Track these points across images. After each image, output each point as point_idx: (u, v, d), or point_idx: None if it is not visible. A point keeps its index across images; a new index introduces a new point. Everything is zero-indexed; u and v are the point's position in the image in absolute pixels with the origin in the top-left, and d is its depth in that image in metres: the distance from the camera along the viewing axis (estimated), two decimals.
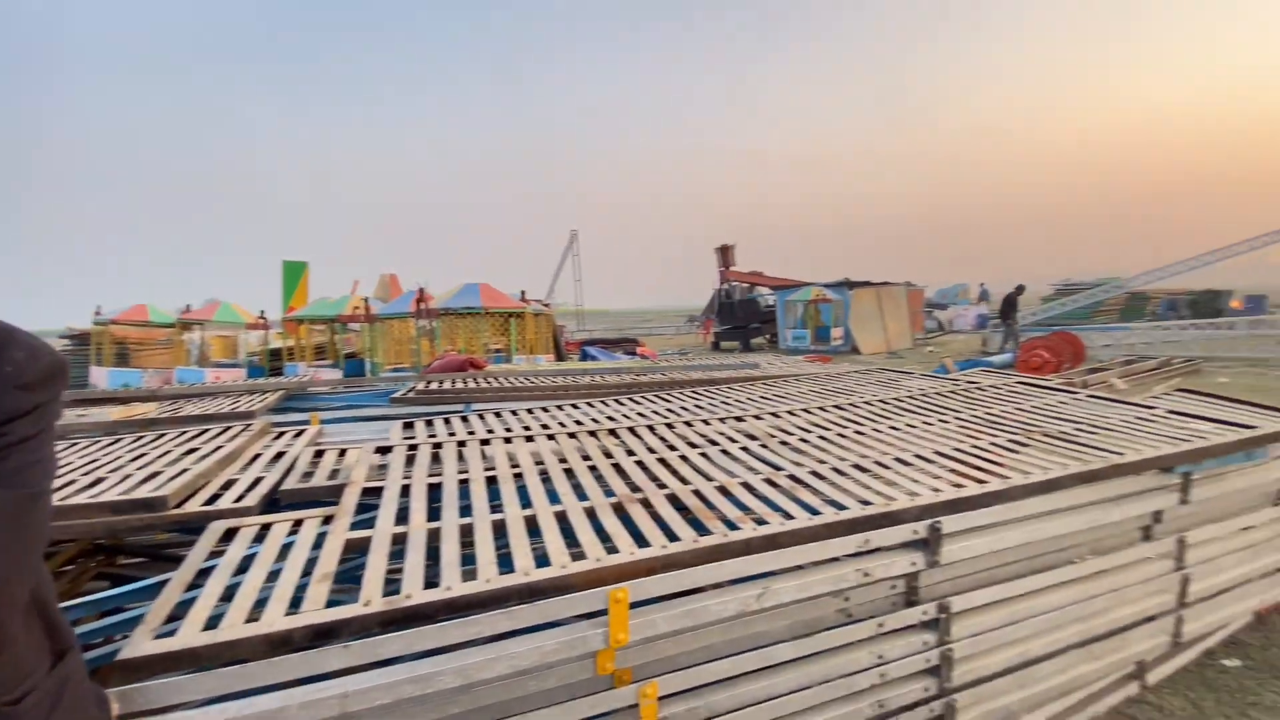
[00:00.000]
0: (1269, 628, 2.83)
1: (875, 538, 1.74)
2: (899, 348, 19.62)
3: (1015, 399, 3.13)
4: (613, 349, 14.89)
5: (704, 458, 2.36)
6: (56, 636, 0.85)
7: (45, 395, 0.81)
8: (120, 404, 4.30)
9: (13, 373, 0.77)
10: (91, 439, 2.88)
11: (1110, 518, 2.11)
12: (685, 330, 39.23)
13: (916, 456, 2.30)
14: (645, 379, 5.14)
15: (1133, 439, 2.38)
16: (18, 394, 0.77)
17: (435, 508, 1.96)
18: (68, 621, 0.91)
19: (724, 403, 3.55)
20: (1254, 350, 12.92)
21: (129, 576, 2.55)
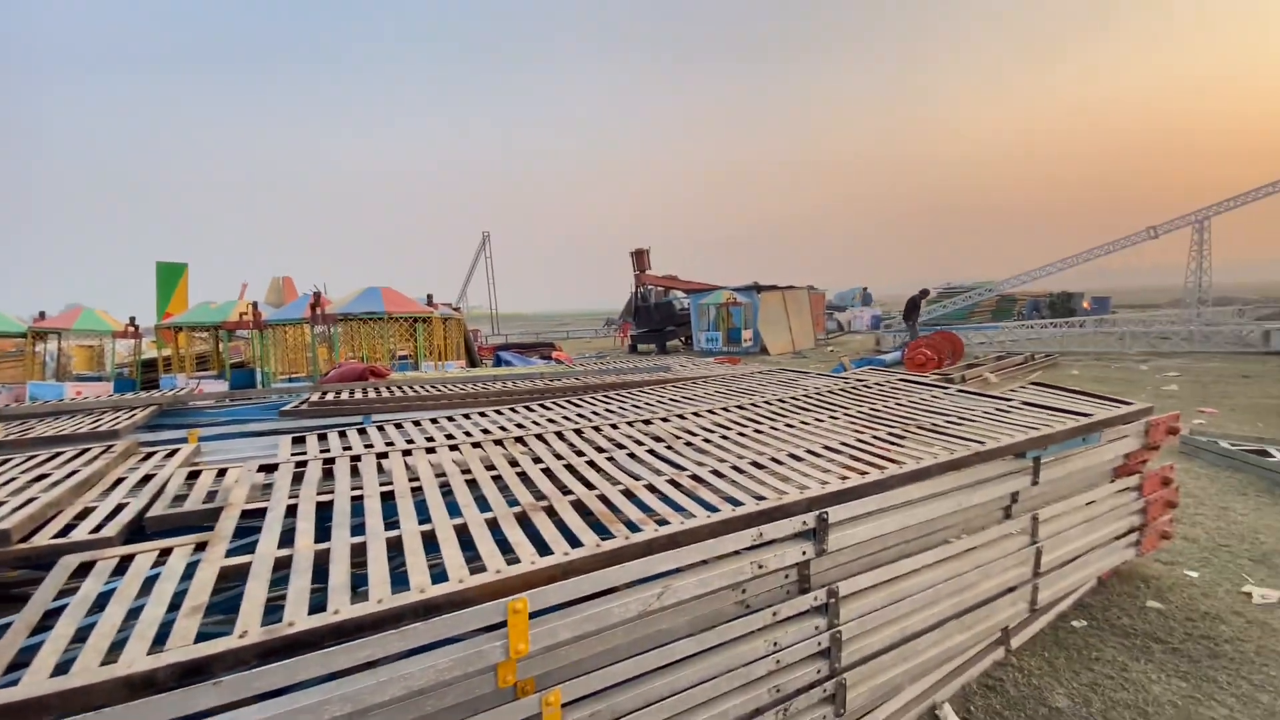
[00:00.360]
0: (1109, 590, 3.24)
1: (768, 530, 1.84)
2: (803, 348, 20.66)
3: (896, 395, 3.40)
4: (528, 354, 14.67)
5: (611, 462, 2.39)
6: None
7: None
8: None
9: None
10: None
11: (974, 500, 2.34)
12: (603, 333, 39.34)
13: (808, 452, 2.44)
14: (558, 384, 5.11)
15: (993, 429, 2.65)
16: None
17: (325, 528, 1.86)
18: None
19: (634, 406, 3.61)
20: (1099, 345, 14.72)
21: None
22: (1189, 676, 2.54)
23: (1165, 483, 3.24)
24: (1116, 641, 2.81)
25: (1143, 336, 14.53)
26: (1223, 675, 2.53)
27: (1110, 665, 2.63)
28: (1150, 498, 3.18)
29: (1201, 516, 4.19)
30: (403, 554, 1.67)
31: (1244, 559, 3.55)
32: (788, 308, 21.53)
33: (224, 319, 10.72)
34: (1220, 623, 2.90)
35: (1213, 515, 4.21)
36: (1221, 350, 13.42)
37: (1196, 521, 4.10)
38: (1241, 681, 2.49)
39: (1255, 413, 7.38)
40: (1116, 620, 2.97)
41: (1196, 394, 8.82)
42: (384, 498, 2.08)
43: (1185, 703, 2.39)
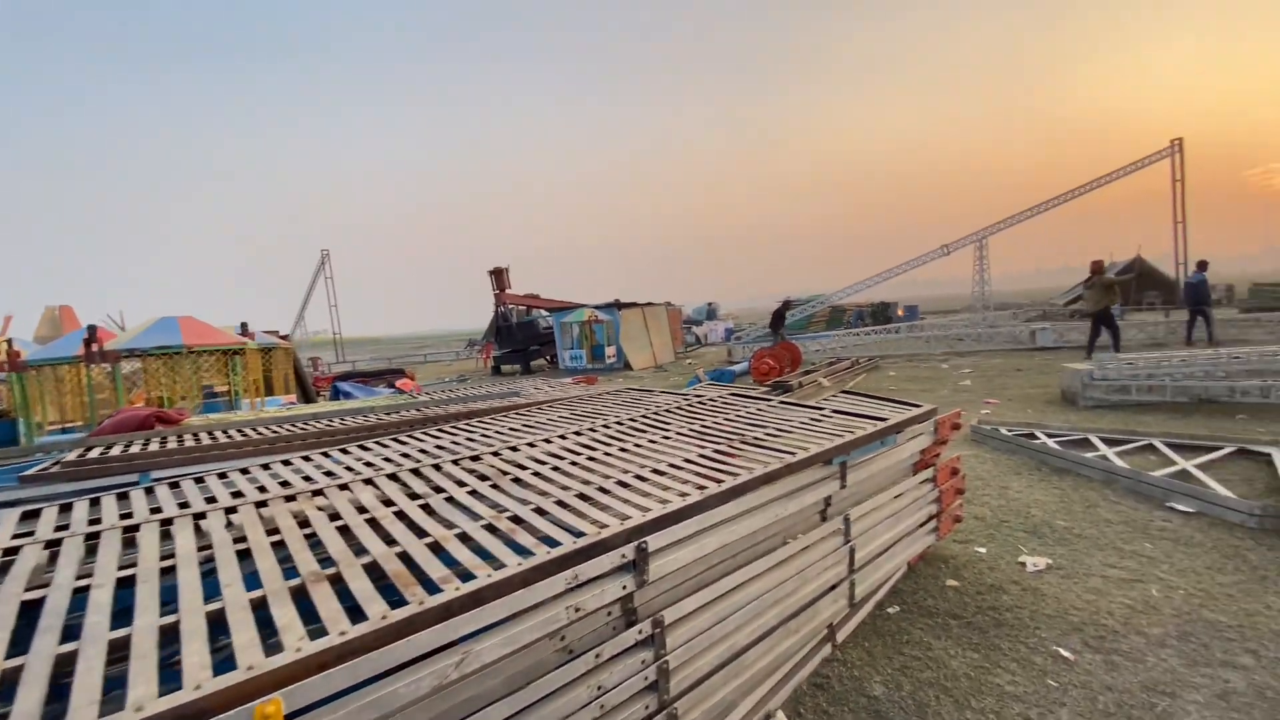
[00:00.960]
0: (917, 574, 3.58)
1: (585, 570, 1.75)
2: (664, 362, 21.33)
3: (726, 410, 3.53)
4: (374, 383, 13.56)
5: (425, 510, 2.18)
6: None
7: None
8: None
9: None
10: None
11: (790, 509, 2.46)
12: (466, 355, 37.76)
13: (636, 477, 2.41)
14: (392, 419, 4.71)
15: (807, 438, 2.82)
16: None
17: (29, 635, 1.46)
18: None
19: (469, 440, 3.38)
20: (911, 348, 16.83)
21: None
22: (979, 647, 2.85)
23: (954, 472, 3.67)
24: (923, 622, 3.09)
25: (943, 339, 16.85)
26: (1005, 642, 2.87)
27: (918, 646, 2.89)
28: (943, 487, 3.58)
29: (987, 496, 4.84)
30: (128, 658, 1.35)
31: (1020, 532, 4.12)
32: (648, 324, 22.15)
33: None
34: (1002, 593, 3.32)
35: (996, 494, 4.87)
36: (1002, 348, 15.94)
37: (984, 501, 4.72)
38: (1020, 646, 2.84)
39: (1026, 401, 8.77)
40: (923, 602, 3.28)
41: (984, 387, 10.32)
42: (121, 584, 1.70)
43: (977, 673, 2.67)
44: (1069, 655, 2.72)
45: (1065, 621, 2.99)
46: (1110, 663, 2.66)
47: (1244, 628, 2.84)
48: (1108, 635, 2.86)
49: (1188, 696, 2.41)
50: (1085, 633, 2.89)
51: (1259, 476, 4.73)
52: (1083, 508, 4.44)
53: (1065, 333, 15.92)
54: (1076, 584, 3.35)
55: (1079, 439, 6.00)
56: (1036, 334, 15.69)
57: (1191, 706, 2.35)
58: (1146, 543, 3.79)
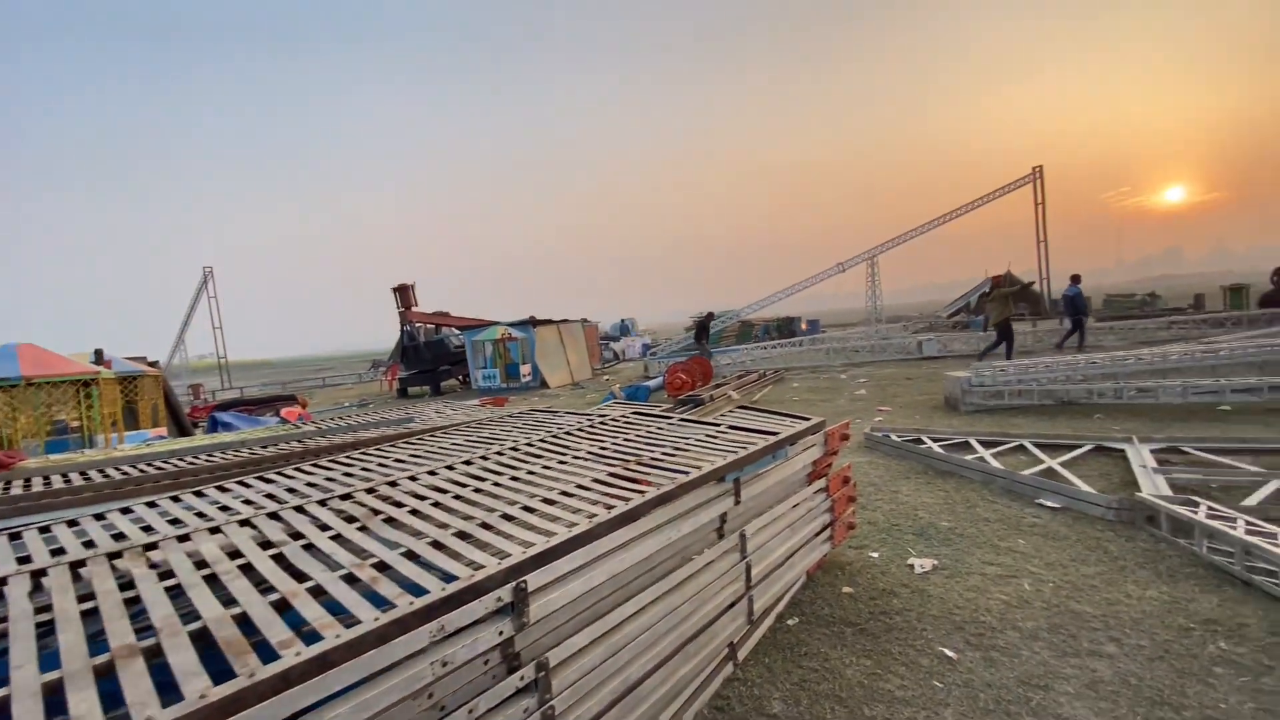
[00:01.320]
0: (815, 583, 3.66)
1: (454, 618, 1.61)
2: (581, 379, 21.16)
3: (627, 430, 3.48)
4: (260, 411, 12.51)
5: (276, 560, 1.95)
6: None
7: None
8: None
9: None
10: None
11: (684, 530, 2.42)
12: (370, 378, 35.81)
13: (524, 509, 2.29)
14: (266, 454, 4.30)
15: (702, 456, 2.81)
16: None
17: None
18: None
19: (346, 475, 3.12)
20: (813, 360, 17.68)
21: None
22: (872, 653, 2.93)
23: (845, 481, 3.81)
24: (820, 632, 3.14)
25: (841, 351, 17.82)
26: (895, 646, 2.97)
27: (815, 658, 2.92)
28: (836, 496, 3.69)
29: (880, 501, 5.07)
30: None
31: (909, 534, 4.33)
32: (564, 341, 21.93)
33: None
34: (893, 596, 3.45)
35: (888, 499, 5.11)
36: (893, 358, 17.04)
37: (877, 506, 4.94)
38: (909, 649, 2.94)
39: (915, 407, 9.37)
40: (820, 611, 3.34)
41: (877, 395, 10.95)
42: None
43: (870, 680, 2.73)
44: (952, 655, 2.85)
45: (949, 621, 3.14)
46: (989, 659, 2.80)
47: (1107, 617, 3.08)
48: (987, 632, 3.02)
49: (1060, 688, 2.56)
50: (967, 631, 3.04)
51: (1115, 471, 5.25)
52: (964, 508, 4.74)
53: (949, 343, 17.27)
54: (959, 583, 3.54)
55: (960, 442, 6.45)
56: (923, 344, 16.91)
57: (1063, 698, 2.50)
58: (1020, 539, 4.08)
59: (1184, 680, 2.54)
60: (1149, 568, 3.52)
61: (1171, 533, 3.83)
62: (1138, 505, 4.11)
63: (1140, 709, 2.39)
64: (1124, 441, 5.79)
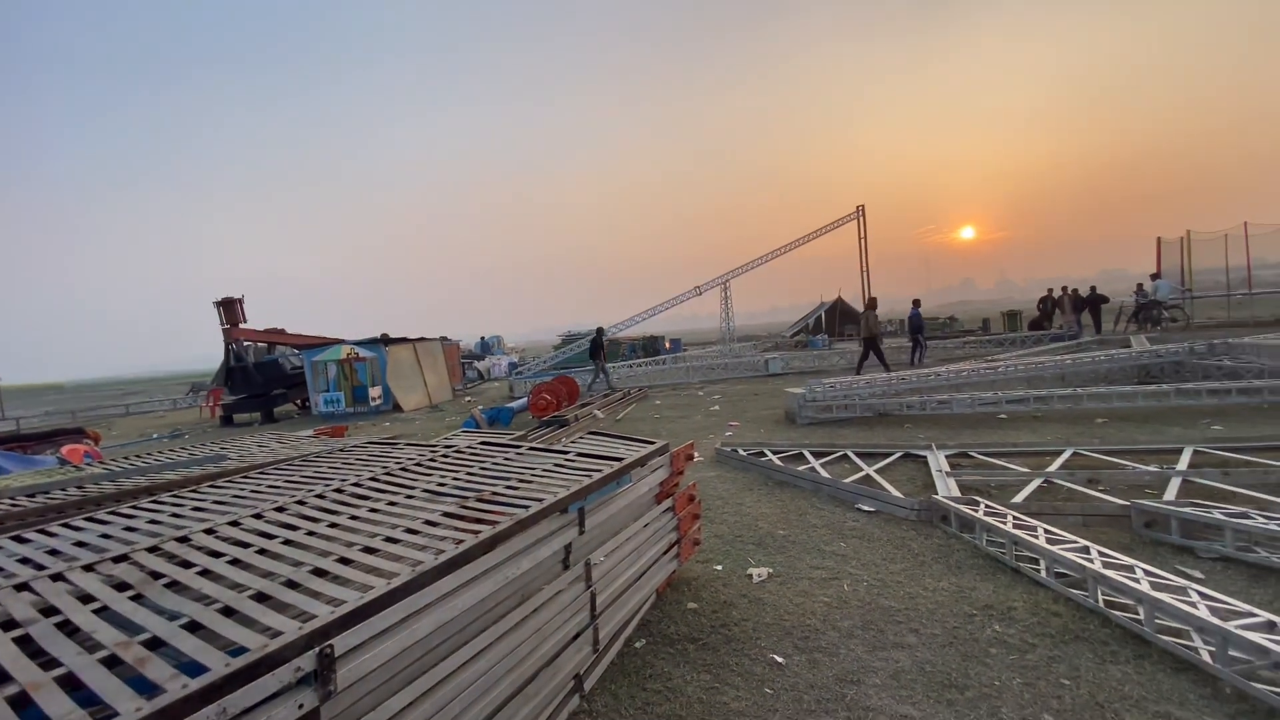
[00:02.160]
0: (664, 602, 3.75)
1: (238, 699, 1.42)
2: (440, 400, 20.12)
3: (471, 462, 3.36)
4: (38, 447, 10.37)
5: (20, 645, 1.61)
6: None
7: None
8: None
9: None
10: None
11: (522, 568, 2.36)
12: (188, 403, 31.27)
13: (340, 560, 2.10)
14: (28, 506, 3.57)
15: (546, 487, 2.78)
16: None
17: None
18: None
19: (127, 529, 2.67)
20: (675, 378, 18.41)
21: None
22: (711, 667, 3.05)
23: (691, 499, 3.97)
24: (665, 651, 3.22)
25: (700, 369, 18.77)
26: (733, 658, 3.12)
27: (659, 679, 2.98)
28: (682, 514, 3.83)
29: (726, 514, 5.35)
30: None
31: (750, 544, 4.61)
32: (420, 361, 20.72)
33: None
34: (732, 608, 3.63)
35: (733, 511, 5.42)
36: (744, 375, 18.26)
37: (723, 519, 5.21)
38: (744, 659, 3.10)
39: (760, 422, 10.08)
40: (666, 630, 3.43)
41: (730, 410, 11.64)
42: None
43: (708, 695, 2.84)
44: (781, 660, 3.06)
45: (780, 627, 3.37)
46: (813, 661, 3.04)
47: (909, 610, 3.48)
48: (811, 634, 3.28)
49: (869, 681, 2.84)
50: (794, 635, 3.28)
51: (919, 475, 6.00)
52: (797, 516, 5.16)
53: (791, 360, 18.85)
54: (790, 588, 3.82)
55: (796, 454, 7.03)
56: (769, 362, 18.31)
57: (872, 690, 2.77)
58: (841, 542, 4.51)
59: (967, 663, 2.93)
60: (942, 561, 4.06)
61: (959, 529, 4.45)
62: (933, 506, 4.73)
63: (933, 693, 2.72)
64: (925, 449, 6.66)
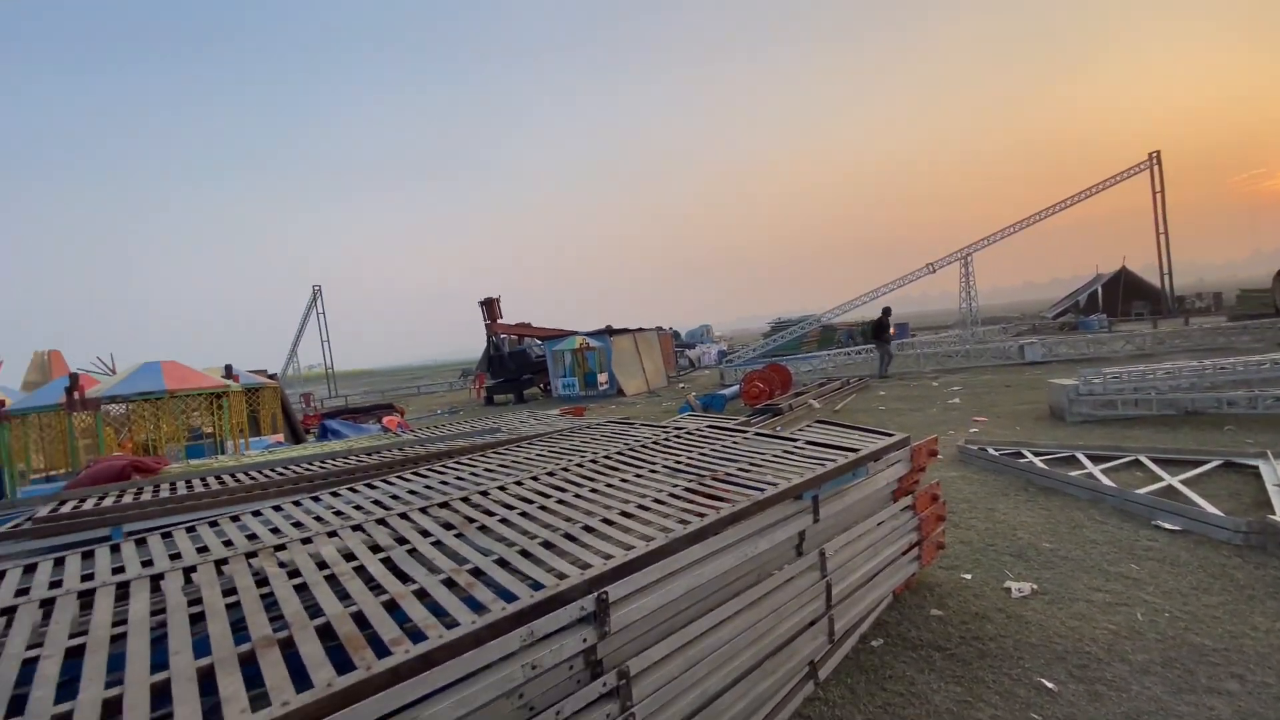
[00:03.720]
0: (902, 604, 3.54)
1: (541, 625, 1.72)
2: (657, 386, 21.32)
3: (702, 444, 3.53)
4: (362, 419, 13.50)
5: (385, 564, 2.15)
6: None
7: None
8: None
9: None
10: None
11: (761, 548, 2.43)
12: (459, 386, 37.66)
13: (604, 521, 2.39)
14: (371, 461, 4.68)
15: (779, 472, 2.81)
16: None
17: None
18: None
19: (442, 484, 3.36)
20: (901, 366, 16.87)
21: None
22: (962, 680, 2.80)
23: (934, 499, 3.66)
24: (907, 655, 3.04)
25: (934, 356, 16.91)
26: (989, 674, 2.83)
27: (900, 681, 2.84)
28: (924, 514, 3.56)
29: (974, 519, 4.81)
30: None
31: (1006, 555, 4.09)
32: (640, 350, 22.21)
33: None
34: (986, 621, 3.28)
35: (982, 517, 4.84)
36: (991, 364, 16.00)
37: (970, 525, 4.69)
38: (1003, 678, 2.79)
39: (1014, 418, 8.78)
40: (907, 633, 3.23)
41: (973, 404, 10.34)
42: (71, 654, 1.66)
43: (959, 708, 2.62)
44: (1052, 686, 2.68)
45: (1049, 650, 2.95)
46: (1094, 693, 2.61)
47: (1230, 651, 2.80)
48: (1091, 663, 2.82)
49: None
50: (1069, 661, 2.85)
51: (1246, 490, 4.72)
52: (1069, 528, 4.42)
53: (1054, 347, 16.01)
54: (1061, 609, 3.31)
55: (1066, 456, 6.00)
56: (1025, 349, 15.77)
57: None
58: (1132, 564, 3.76)
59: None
60: (1278, 598, 3.16)
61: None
62: (1269, 529, 3.68)
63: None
64: (1258, 457, 5.19)
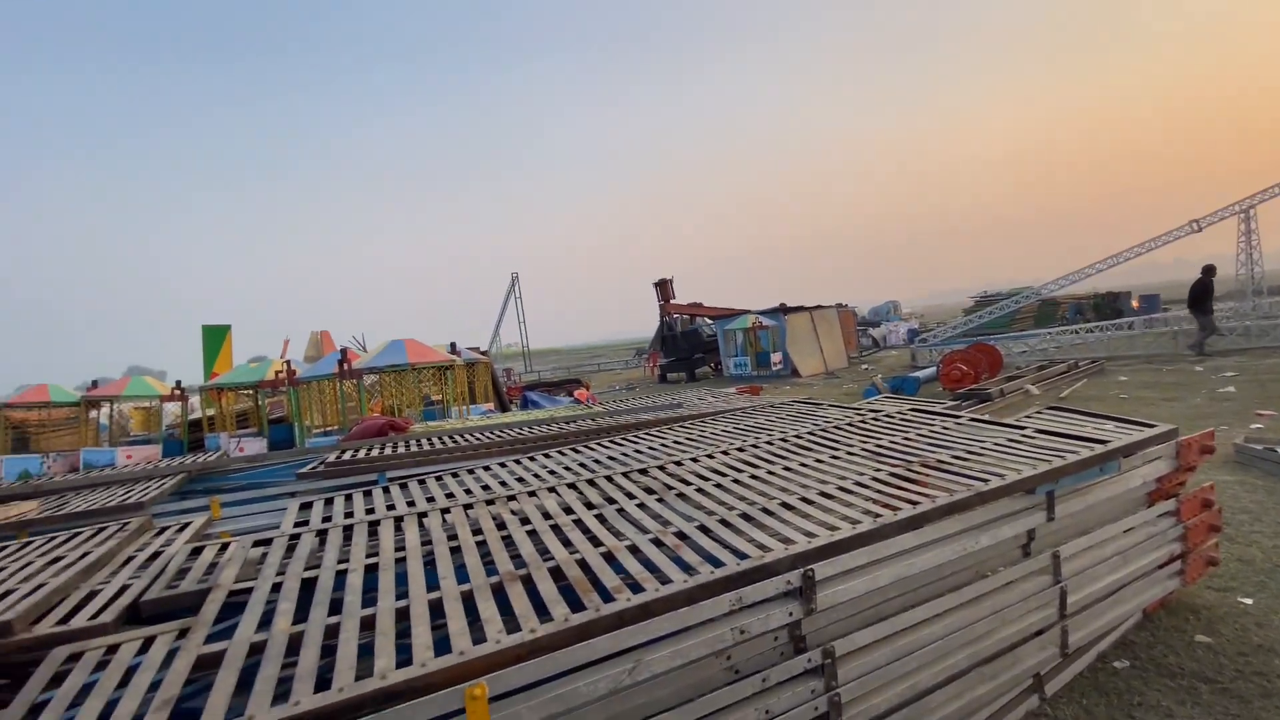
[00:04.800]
0: (1155, 625, 3.00)
1: (749, 593, 1.77)
2: (836, 367, 20.30)
3: (905, 428, 3.28)
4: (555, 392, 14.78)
5: (599, 520, 2.36)
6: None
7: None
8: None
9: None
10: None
11: (982, 543, 2.22)
12: (634, 364, 39.47)
13: (803, 500, 2.36)
14: (570, 429, 5.12)
15: (1003, 462, 2.52)
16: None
17: (307, 606, 1.87)
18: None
19: (636, 452, 3.57)
20: (1150, 347, 13.98)
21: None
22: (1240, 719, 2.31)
23: (1206, 505, 3.01)
24: (1161, 683, 2.58)
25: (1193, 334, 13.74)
26: (1276, 717, 2.30)
27: (1154, 711, 2.42)
28: (1190, 523, 2.95)
29: (1258, 535, 3.88)
30: (374, 632, 1.67)
31: None
32: (817, 328, 21.28)
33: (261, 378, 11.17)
34: (1275, 656, 2.65)
35: (1271, 533, 3.88)
36: None
37: (1253, 540, 3.79)
38: None
39: None
40: (1162, 659, 2.74)
41: (1255, 395, 8.26)
42: (368, 570, 2.08)
43: None
44: None
45: None
46: None
47: None
48: None
49: None
50: None
51: None
52: None
53: None
54: None
55: None
56: None
57: None
58: None
59: None
60: None
61: None
62: None
63: None
64: None
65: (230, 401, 12.66)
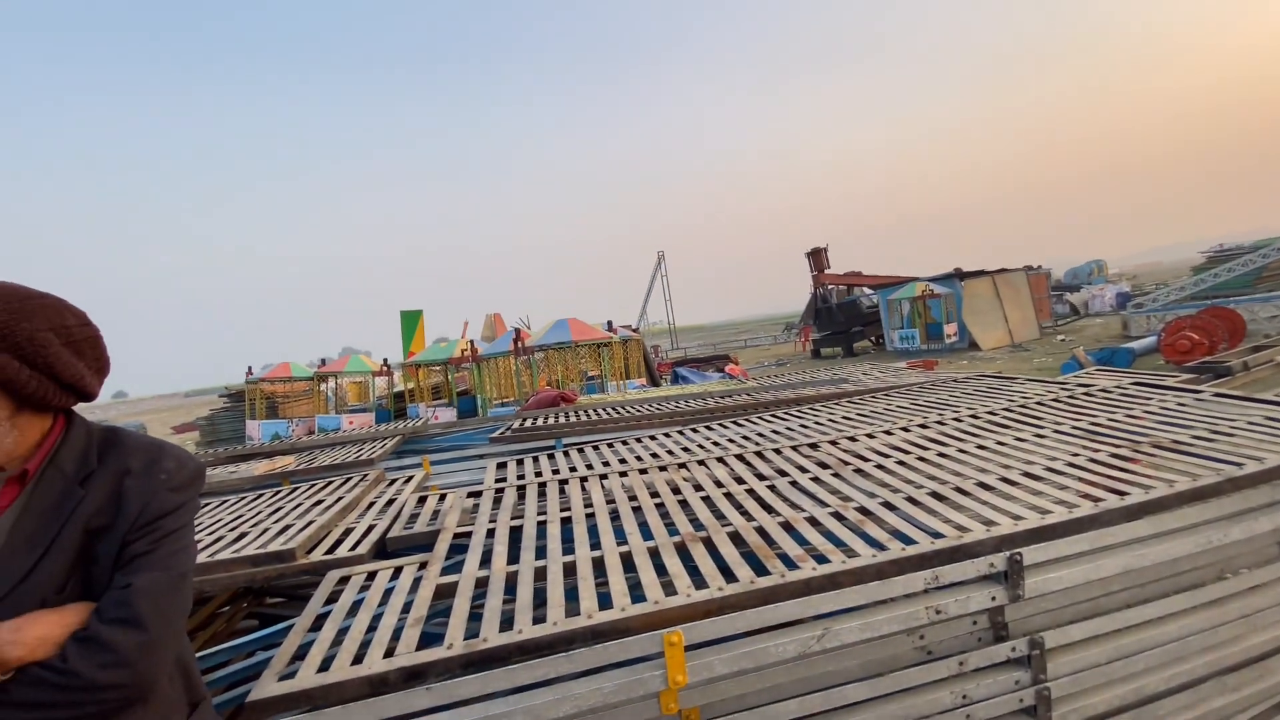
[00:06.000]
0: None
1: (946, 573, 1.67)
2: (1024, 339, 18.08)
3: (1127, 404, 2.83)
4: (704, 368, 14.91)
5: (772, 490, 2.37)
6: (193, 689, 1.06)
7: (189, 495, 1.03)
8: (265, 458, 4.96)
9: (166, 479, 1.00)
10: (240, 495, 3.37)
11: (1231, 537, 1.87)
12: (783, 339, 38.40)
13: (1002, 480, 2.17)
14: (728, 402, 5.15)
15: (1260, 445, 2.10)
16: (169, 495, 0.99)
17: (516, 550, 2.12)
18: (201, 676, 1.13)
19: (802, 427, 3.50)
20: None
21: (273, 615, 2.95)
22: None
23: None
24: None
25: None
26: None
27: None
28: None
29: None
30: (575, 578, 1.85)
31: None
32: (1000, 294, 18.99)
33: (450, 356, 12.67)
34: None
35: None
36: None
37: None
38: None
39: None
40: None
41: None
42: (563, 522, 2.30)
43: None
44: None
45: None
46: None
47: None
48: None
49: None
50: None
51: None
52: None
53: None
54: None
55: None
56: None
57: None
58: None
59: None
60: None
61: None
62: None
63: None
64: None
65: (424, 376, 14.53)
